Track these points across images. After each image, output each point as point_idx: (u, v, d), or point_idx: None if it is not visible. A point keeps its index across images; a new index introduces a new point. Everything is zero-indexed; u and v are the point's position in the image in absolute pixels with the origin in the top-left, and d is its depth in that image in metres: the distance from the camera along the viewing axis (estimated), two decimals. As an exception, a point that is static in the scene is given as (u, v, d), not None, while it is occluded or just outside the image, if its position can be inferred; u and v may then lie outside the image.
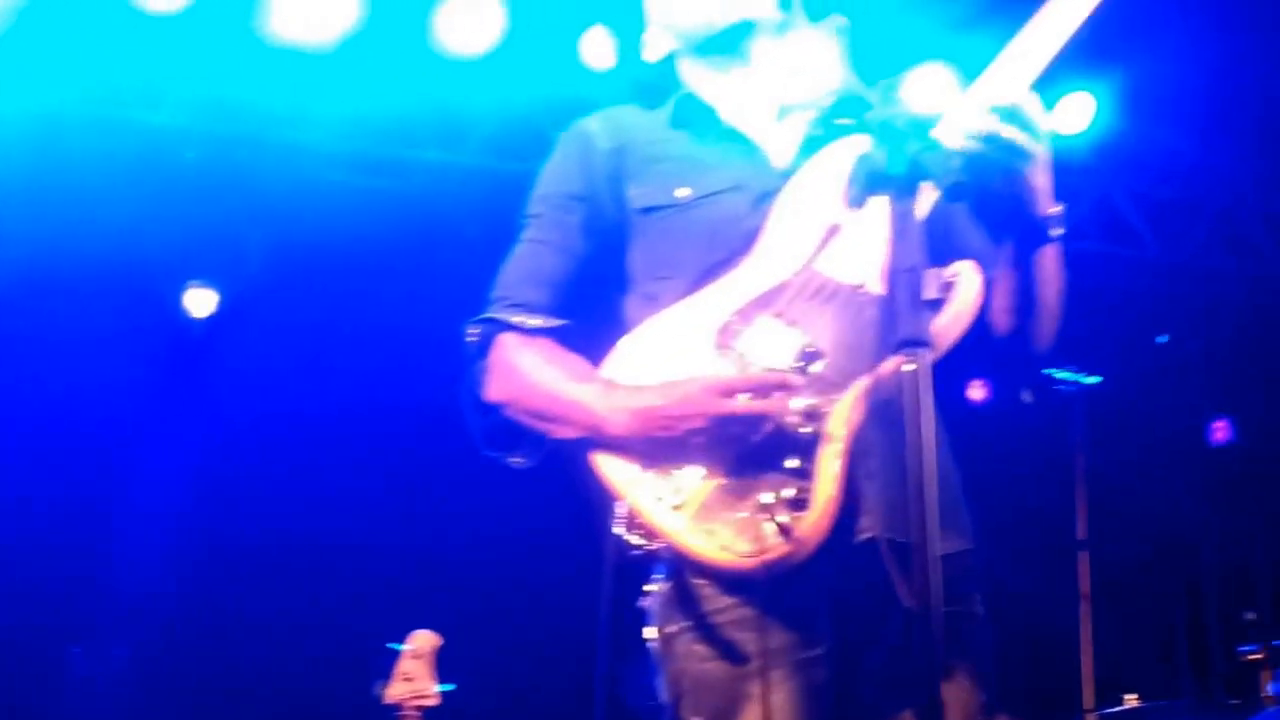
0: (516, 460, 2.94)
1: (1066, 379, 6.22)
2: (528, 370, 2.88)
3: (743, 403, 2.67)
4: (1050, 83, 2.75)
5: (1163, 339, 9.02)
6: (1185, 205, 8.63)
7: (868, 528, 2.64)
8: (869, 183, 2.54)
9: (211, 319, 7.66)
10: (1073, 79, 7.55)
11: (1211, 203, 8.66)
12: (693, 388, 2.70)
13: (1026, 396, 6.07)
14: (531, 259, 3.03)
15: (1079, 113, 7.63)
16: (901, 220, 2.38)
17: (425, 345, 7.40)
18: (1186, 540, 9.80)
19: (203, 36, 6.52)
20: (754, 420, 2.66)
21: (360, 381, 7.50)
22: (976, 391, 8.71)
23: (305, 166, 6.93)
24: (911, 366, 2.29)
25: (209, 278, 7.60)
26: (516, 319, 2.93)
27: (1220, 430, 9.79)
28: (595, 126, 3.12)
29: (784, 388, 2.69)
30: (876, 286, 2.74)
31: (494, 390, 2.91)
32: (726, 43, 3.09)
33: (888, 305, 2.38)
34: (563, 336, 2.94)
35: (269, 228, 7.19)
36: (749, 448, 2.67)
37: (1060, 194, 2.85)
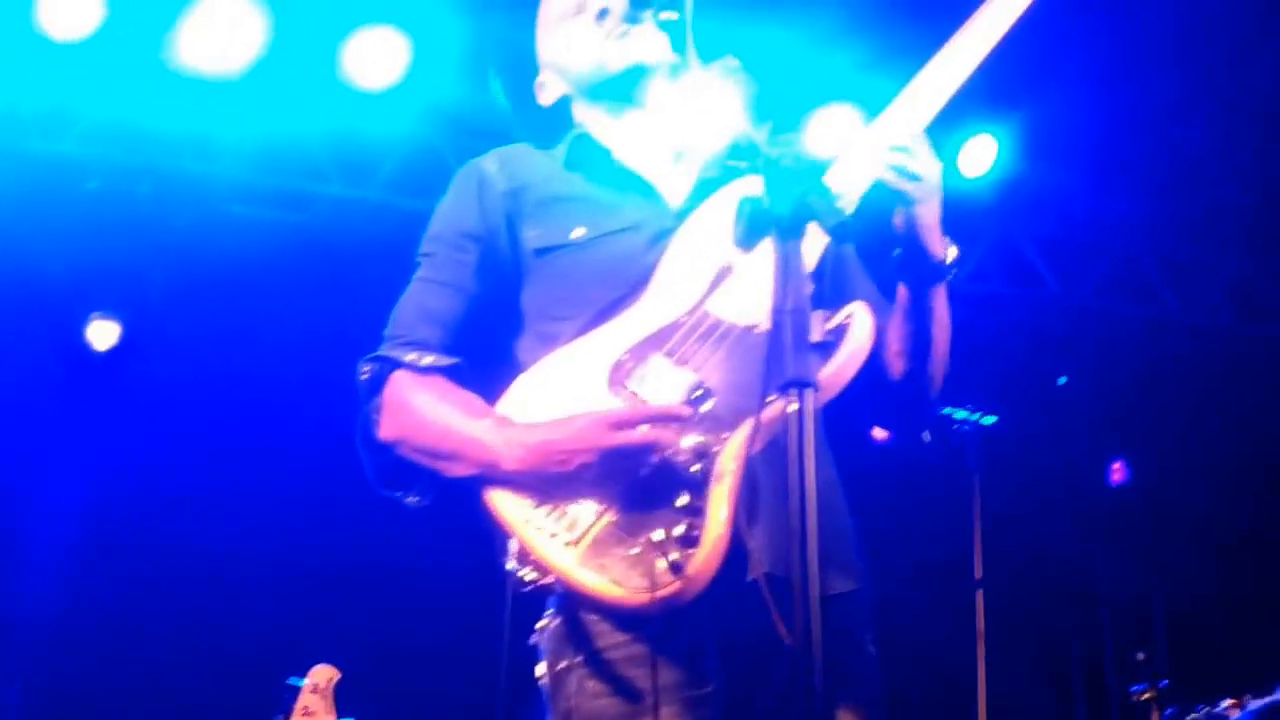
0: (411, 499, 2.94)
1: (964, 419, 6.24)
2: (420, 408, 2.86)
3: (633, 435, 2.66)
4: (953, 126, 2.79)
5: (1062, 380, 9.05)
6: (1085, 248, 8.70)
7: (756, 566, 2.63)
8: (754, 223, 2.65)
9: (113, 351, 7.50)
10: (975, 122, 7.57)
11: (1111, 246, 8.75)
12: (584, 421, 2.70)
13: (926, 437, 6.24)
14: (425, 297, 3.02)
15: (981, 156, 7.69)
16: (787, 261, 2.37)
17: (326, 378, 7.38)
18: (1084, 580, 9.83)
19: (107, 65, 6.43)
20: (644, 453, 2.66)
21: (262, 414, 7.40)
22: (879, 432, 8.68)
23: (209, 198, 6.86)
24: (795, 407, 2.28)
25: (111, 309, 7.47)
26: (409, 357, 2.92)
27: (1118, 471, 9.84)
28: (492, 166, 3.12)
29: (674, 420, 2.69)
30: (768, 327, 2.71)
31: (387, 429, 2.89)
32: (620, 88, 3.12)
33: (773, 346, 2.36)
34: (455, 375, 2.93)
35: (172, 259, 7.08)
36: (641, 484, 2.67)
37: (962, 235, 2.89)
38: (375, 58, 6.62)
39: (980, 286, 8.40)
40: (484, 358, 3.00)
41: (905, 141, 2.80)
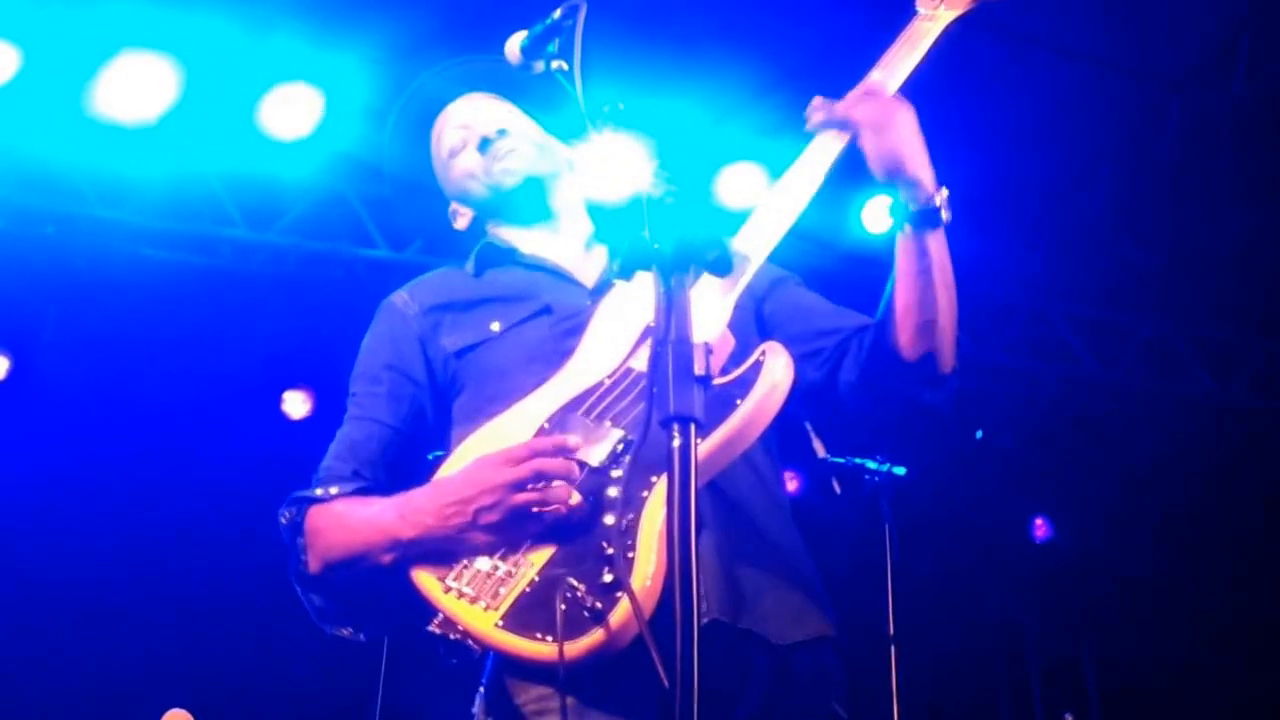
0: (361, 635, 2.94)
1: (875, 469, 6.16)
2: (328, 528, 2.87)
3: (522, 467, 2.65)
4: (858, 184, 2.82)
5: (978, 435, 9.07)
6: (999, 307, 8.73)
7: (706, 611, 2.58)
8: (633, 259, 2.54)
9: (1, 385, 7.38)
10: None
11: (1024, 305, 8.78)
12: (471, 468, 2.71)
13: (836, 487, 6.19)
14: (342, 437, 3.08)
15: (885, 213, 7.59)
16: (668, 295, 2.35)
17: (226, 419, 7.38)
18: (1008, 633, 9.77)
19: (18, 110, 6.41)
20: (540, 487, 2.63)
21: (151, 451, 7.33)
22: (789, 483, 8.65)
23: (114, 240, 6.81)
24: (678, 441, 2.23)
25: (2, 345, 7.35)
26: (317, 493, 2.94)
27: (1041, 527, 9.81)
28: (401, 298, 3.20)
29: (563, 449, 2.68)
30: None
31: (313, 562, 2.88)
32: (520, 203, 3.24)
33: (654, 380, 2.30)
34: (367, 494, 2.95)
35: (70, 298, 7.05)
36: (564, 537, 2.63)
37: (870, 290, 2.92)
38: (290, 111, 6.63)
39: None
40: (414, 476, 2.98)
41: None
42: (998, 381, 8.84)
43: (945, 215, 2.88)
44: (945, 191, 2.87)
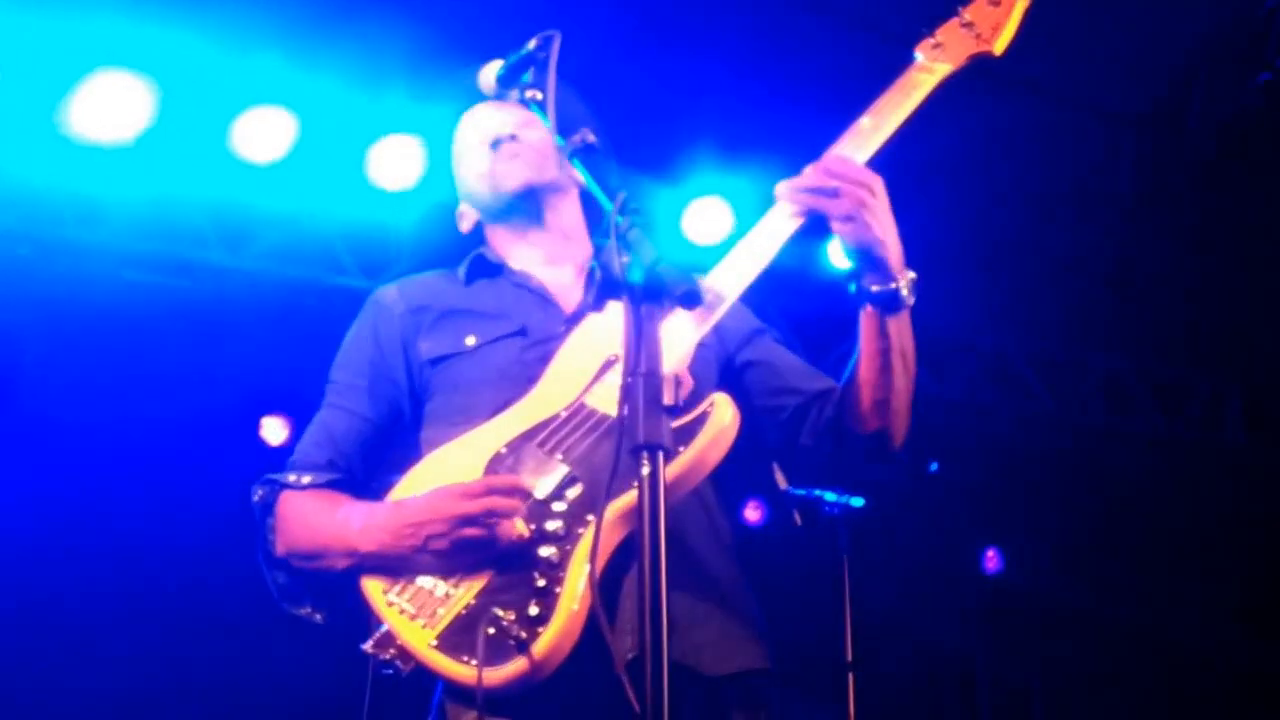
0: (317, 616, 3.01)
1: (833, 500, 6.10)
2: (298, 518, 2.96)
3: (474, 502, 2.68)
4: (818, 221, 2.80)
5: (934, 466, 9.06)
6: (959, 345, 8.73)
7: (632, 647, 2.55)
8: (607, 286, 2.65)
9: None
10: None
11: (983, 342, 8.79)
12: (429, 496, 2.76)
13: (797, 519, 6.10)
14: (319, 424, 3.16)
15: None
16: (639, 325, 2.35)
17: (204, 442, 7.26)
18: (960, 664, 9.76)
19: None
20: (489, 520, 2.67)
21: (135, 481, 7.24)
22: (751, 513, 8.66)
23: (95, 264, 6.66)
24: (646, 469, 2.24)
25: None
26: (290, 478, 3.04)
27: (992, 560, 9.82)
28: (390, 295, 3.25)
29: (516, 490, 2.71)
30: None
31: (280, 546, 2.98)
32: (516, 209, 3.23)
33: (625, 408, 2.31)
34: (341, 488, 3.05)
35: (47, 320, 6.91)
36: (501, 567, 2.67)
37: (833, 324, 2.86)
38: (264, 135, 6.49)
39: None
40: (388, 471, 3.07)
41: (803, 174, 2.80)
42: (956, 416, 8.82)
43: (909, 299, 2.79)
44: (911, 275, 2.79)
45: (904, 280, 2.77)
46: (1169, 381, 9.22)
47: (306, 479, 3.03)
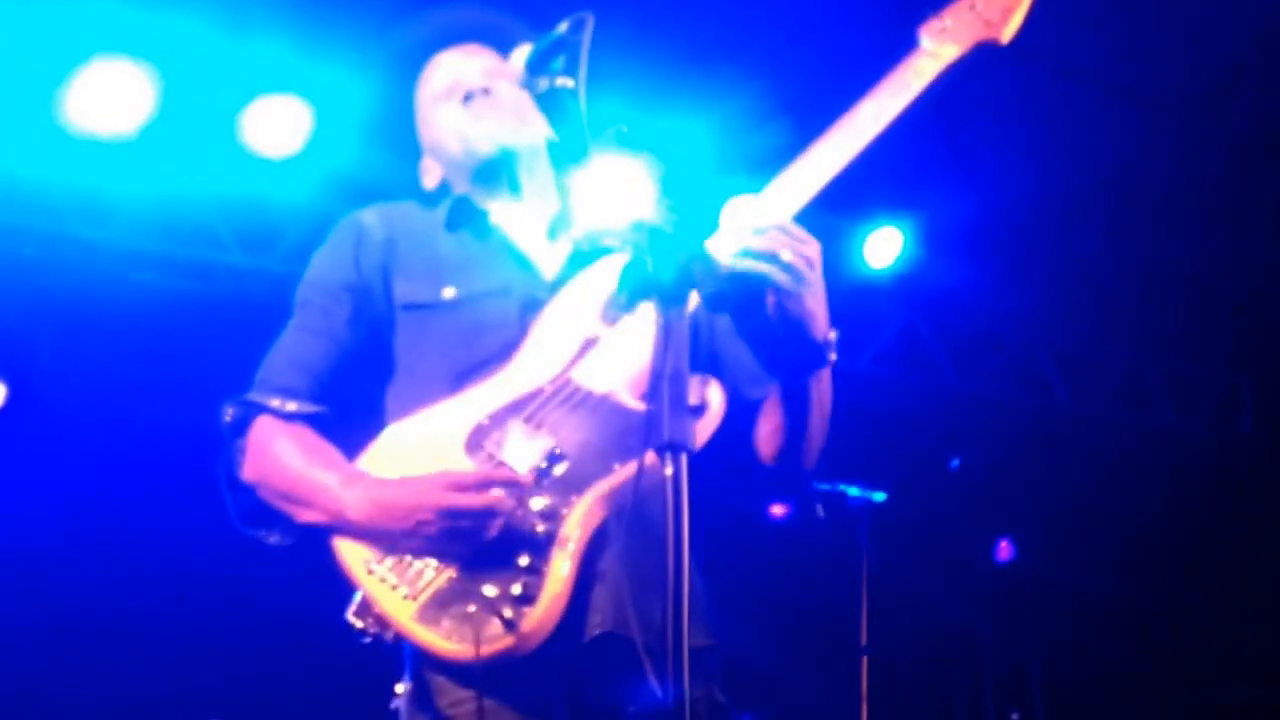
0: (273, 539, 2.87)
1: (855, 495, 6.27)
2: (280, 453, 2.82)
3: (469, 497, 2.61)
4: (860, 217, 2.48)
5: (955, 463, 8.95)
6: (983, 339, 8.62)
7: (598, 624, 2.62)
8: (637, 288, 2.43)
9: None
10: (882, 215, 7.48)
11: (1008, 339, 8.68)
12: (425, 481, 2.66)
13: (820, 511, 6.21)
14: (296, 346, 2.97)
15: (887, 246, 7.60)
16: (669, 326, 2.27)
17: (208, 443, 6.93)
18: (967, 647, 9.68)
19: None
20: (481, 515, 2.61)
21: (149, 479, 6.96)
22: (777, 508, 8.49)
23: (104, 264, 6.37)
24: (670, 470, 2.19)
25: None
26: (274, 403, 2.88)
27: (1004, 549, 9.74)
28: (371, 218, 3.06)
29: (513, 485, 2.65)
30: (625, 397, 2.73)
31: (248, 470, 2.84)
32: (490, 172, 3.05)
33: (650, 407, 2.24)
34: (319, 423, 2.90)
35: (61, 323, 6.64)
36: (486, 544, 2.62)
37: (865, 320, 2.58)
38: (276, 126, 6.15)
39: (882, 369, 8.24)
40: (353, 404, 2.96)
41: (764, 225, 2.58)
42: (977, 412, 8.76)
43: (832, 356, 2.70)
44: (834, 334, 2.68)
45: (831, 344, 2.68)
46: (1184, 376, 9.15)
47: (291, 406, 2.87)
